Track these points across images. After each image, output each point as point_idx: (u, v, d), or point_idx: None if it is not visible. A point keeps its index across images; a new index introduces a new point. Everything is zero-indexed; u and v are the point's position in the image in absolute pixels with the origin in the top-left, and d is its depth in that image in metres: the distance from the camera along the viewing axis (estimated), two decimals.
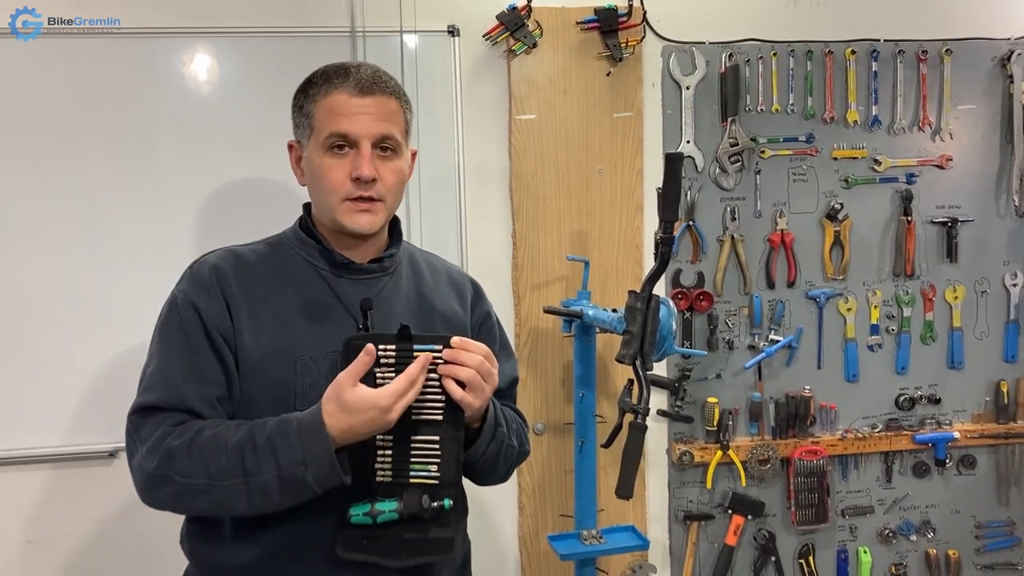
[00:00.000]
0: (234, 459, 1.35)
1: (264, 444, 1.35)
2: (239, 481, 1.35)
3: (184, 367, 1.44)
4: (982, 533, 2.86)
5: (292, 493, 1.35)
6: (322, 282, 1.53)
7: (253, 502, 1.36)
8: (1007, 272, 2.78)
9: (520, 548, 2.64)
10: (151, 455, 1.38)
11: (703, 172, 2.63)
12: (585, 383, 2.36)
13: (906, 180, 2.72)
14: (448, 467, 1.43)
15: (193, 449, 1.36)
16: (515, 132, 2.53)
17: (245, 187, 2.36)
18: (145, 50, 2.34)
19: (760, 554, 2.75)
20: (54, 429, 2.35)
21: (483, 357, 1.42)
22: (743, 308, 2.68)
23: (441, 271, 1.70)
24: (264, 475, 1.34)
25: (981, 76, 2.74)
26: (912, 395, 2.77)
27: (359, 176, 1.46)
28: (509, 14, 2.46)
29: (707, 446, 2.68)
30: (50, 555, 2.42)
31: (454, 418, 1.43)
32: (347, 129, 1.47)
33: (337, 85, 1.49)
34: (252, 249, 1.58)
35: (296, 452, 1.33)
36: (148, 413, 1.42)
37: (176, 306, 1.48)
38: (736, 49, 2.62)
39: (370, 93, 1.48)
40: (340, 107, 1.48)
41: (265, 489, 1.34)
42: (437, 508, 1.41)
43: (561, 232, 2.58)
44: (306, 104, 1.52)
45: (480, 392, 1.42)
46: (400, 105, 1.54)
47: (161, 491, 1.38)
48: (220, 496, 1.36)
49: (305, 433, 1.34)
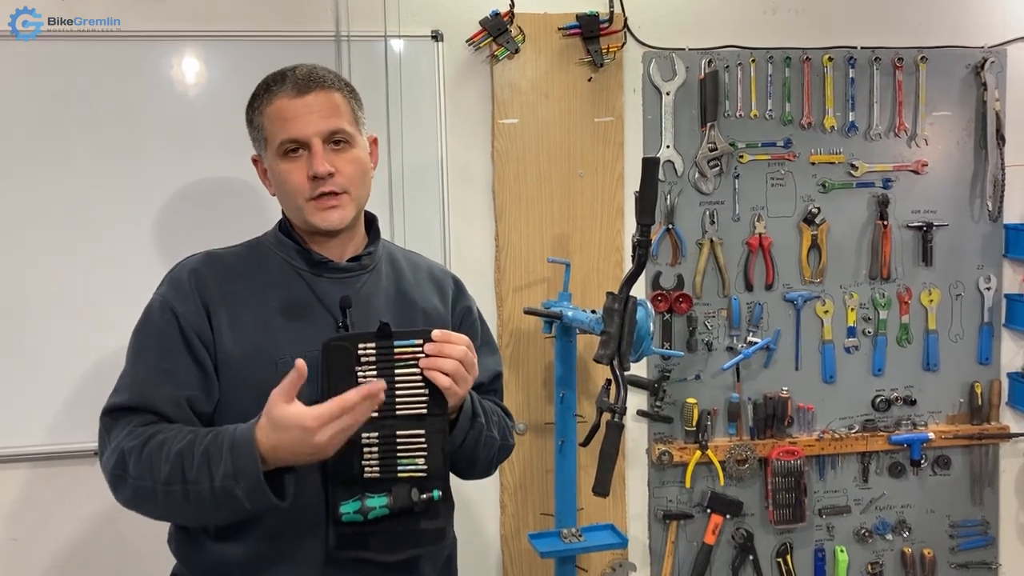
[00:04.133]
0: (175, 466, 1.35)
1: (201, 454, 1.35)
2: (178, 488, 1.35)
3: (155, 370, 1.46)
4: (956, 532, 2.90)
5: (226, 506, 1.34)
6: (301, 282, 1.54)
7: (195, 511, 1.37)
8: (981, 276, 2.83)
9: (502, 546, 2.67)
10: (112, 454, 1.41)
11: (683, 176, 2.67)
12: (565, 383, 2.39)
13: (882, 185, 2.76)
14: (435, 459, 1.45)
15: (144, 452, 1.37)
16: (498, 136, 2.57)
17: (233, 189, 2.38)
18: (134, 53, 2.36)
19: (738, 553, 2.79)
20: (40, 427, 2.37)
21: (465, 347, 1.44)
22: (722, 310, 2.72)
23: (422, 268, 1.71)
24: (200, 484, 1.34)
25: (956, 83, 2.79)
26: (888, 396, 2.81)
27: (315, 174, 1.47)
28: (492, 20, 2.50)
29: (686, 446, 2.71)
30: (36, 553, 2.44)
31: (438, 410, 1.44)
32: (295, 132, 1.48)
33: (276, 91, 1.50)
34: (232, 252, 1.60)
35: (228, 464, 1.32)
36: (118, 414, 1.44)
37: (154, 310, 1.50)
38: (715, 55, 2.66)
39: (308, 91, 1.49)
40: (283, 112, 1.49)
41: (202, 498, 1.34)
42: (427, 500, 1.43)
43: (543, 234, 2.61)
44: (255, 117, 1.54)
45: (464, 383, 1.44)
46: (344, 96, 1.54)
47: (121, 491, 1.41)
48: (166, 501, 1.37)
49: (237, 447, 1.33)
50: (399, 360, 1.43)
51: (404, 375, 1.43)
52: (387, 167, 2.46)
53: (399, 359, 1.43)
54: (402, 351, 1.42)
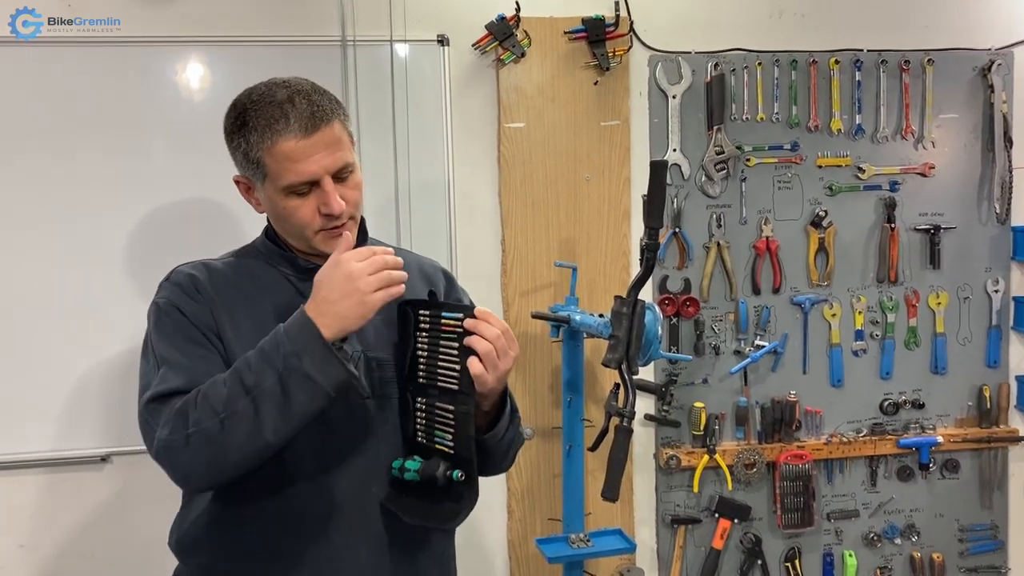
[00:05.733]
0: (234, 383, 1.34)
1: (256, 357, 1.35)
2: (243, 403, 1.33)
3: (191, 353, 1.45)
4: (966, 536, 2.89)
5: (300, 394, 1.33)
6: (291, 288, 1.55)
7: (266, 421, 1.33)
8: (989, 278, 2.82)
9: (509, 551, 2.66)
10: (166, 426, 1.37)
11: (689, 180, 2.66)
12: (573, 388, 2.39)
13: (889, 188, 2.76)
14: (461, 439, 1.46)
15: (199, 398, 1.36)
16: (504, 140, 2.56)
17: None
18: (138, 57, 2.36)
19: (747, 558, 2.78)
20: (46, 434, 2.37)
21: (501, 332, 1.43)
22: (729, 314, 2.72)
23: (412, 266, 1.68)
24: (266, 383, 1.33)
25: (963, 86, 2.78)
26: (896, 400, 2.80)
27: (331, 213, 1.47)
28: (498, 24, 2.50)
29: (694, 450, 2.71)
30: (42, 560, 2.43)
31: (467, 389, 1.44)
32: (306, 175, 1.45)
33: (280, 131, 1.44)
34: (223, 261, 1.60)
35: (286, 346, 1.33)
36: (165, 399, 1.40)
37: (161, 310, 1.50)
38: (722, 59, 2.65)
39: (316, 129, 1.44)
40: (292, 155, 1.44)
41: (272, 398, 1.32)
42: (447, 477, 1.45)
43: (550, 239, 2.61)
44: (250, 151, 1.48)
45: (494, 368, 1.42)
46: (341, 123, 1.50)
47: (183, 456, 1.36)
48: (234, 428, 1.33)
49: (291, 328, 1.35)
50: (444, 331, 1.46)
51: (447, 347, 1.46)
52: (393, 172, 2.45)
53: (444, 330, 1.46)
54: (447, 323, 1.46)
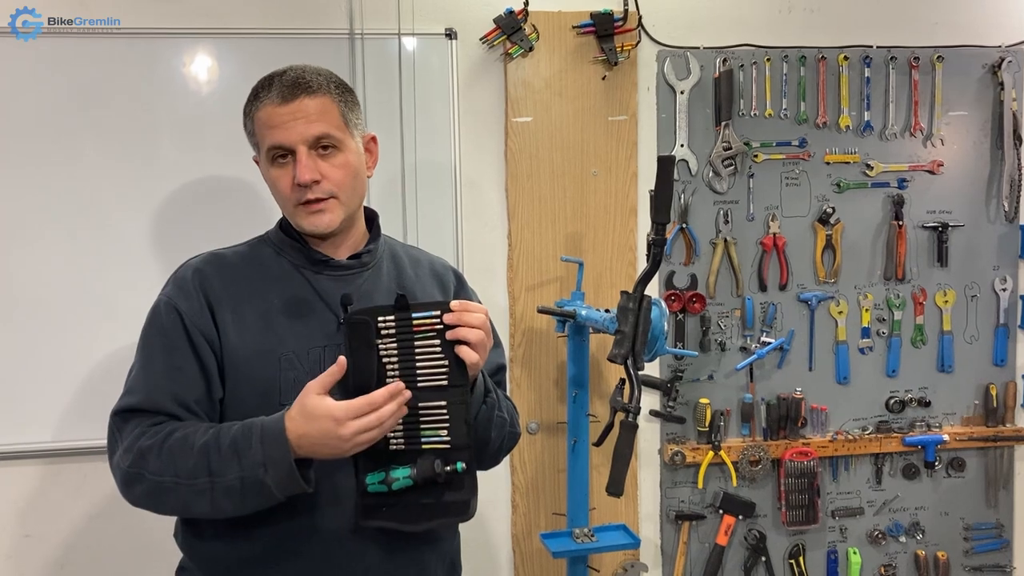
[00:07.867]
0: (200, 460, 1.38)
1: (228, 446, 1.38)
2: (204, 481, 1.38)
3: (164, 371, 1.48)
4: (971, 535, 2.89)
5: (254, 496, 1.38)
6: (303, 280, 1.56)
7: (217, 503, 1.39)
8: (997, 277, 2.81)
9: (513, 546, 2.66)
10: (127, 454, 1.43)
11: (696, 176, 2.66)
12: (578, 383, 2.39)
13: (897, 185, 2.75)
14: (458, 430, 1.46)
15: (164, 449, 1.40)
16: (511, 134, 2.56)
17: (242, 188, 2.38)
18: (145, 51, 2.36)
19: (751, 554, 2.77)
20: (50, 424, 2.37)
21: (484, 315, 1.47)
22: (735, 310, 2.71)
23: (423, 264, 1.73)
24: (228, 476, 1.37)
25: (972, 83, 2.77)
26: (902, 398, 2.80)
27: (299, 182, 1.49)
28: (506, 18, 2.49)
29: (699, 446, 2.70)
30: (47, 549, 2.44)
31: (460, 381, 1.45)
32: (279, 139, 1.49)
33: (263, 97, 1.51)
34: (235, 251, 1.62)
35: (257, 454, 1.36)
36: (129, 415, 1.47)
37: (159, 311, 1.53)
38: (730, 54, 2.65)
39: (294, 97, 1.49)
40: (270, 119, 1.50)
41: (229, 490, 1.37)
42: (450, 472, 1.44)
43: (556, 234, 2.60)
44: (248, 123, 1.56)
45: (484, 351, 1.46)
46: (333, 99, 1.53)
47: (135, 489, 1.43)
48: (186, 495, 1.39)
49: (267, 437, 1.37)
50: (418, 332, 1.45)
51: (423, 347, 1.45)
52: (400, 165, 2.45)
53: (418, 331, 1.45)
54: (420, 323, 1.44)
